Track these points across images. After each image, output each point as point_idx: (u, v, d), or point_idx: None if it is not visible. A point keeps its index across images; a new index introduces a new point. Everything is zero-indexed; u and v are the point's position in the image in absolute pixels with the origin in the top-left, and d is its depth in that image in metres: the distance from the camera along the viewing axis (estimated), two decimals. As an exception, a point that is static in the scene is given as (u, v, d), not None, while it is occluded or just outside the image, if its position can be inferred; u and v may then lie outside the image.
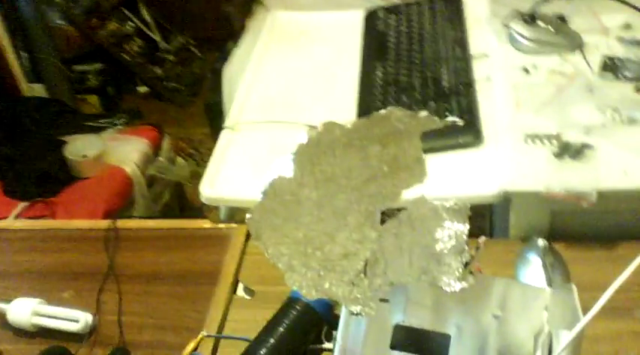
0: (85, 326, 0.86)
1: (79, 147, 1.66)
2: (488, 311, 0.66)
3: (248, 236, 0.98)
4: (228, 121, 1.12)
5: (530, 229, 0.93)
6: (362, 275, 0.57)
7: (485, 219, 1.02)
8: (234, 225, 1.01)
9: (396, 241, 0.57)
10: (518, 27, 1.08)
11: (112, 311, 0.90)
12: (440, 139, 0.98)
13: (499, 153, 0.93)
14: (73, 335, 0.86)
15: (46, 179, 1.58)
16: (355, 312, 0.57)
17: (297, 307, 0.81)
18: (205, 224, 1.03)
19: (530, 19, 1.08)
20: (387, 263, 0.57)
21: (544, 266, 0.86)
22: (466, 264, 0.56)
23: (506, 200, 0.91)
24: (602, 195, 0.84)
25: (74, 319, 0.86)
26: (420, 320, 0.66)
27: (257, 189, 0.96)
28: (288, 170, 0.57)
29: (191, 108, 2.73)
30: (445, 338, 0.66)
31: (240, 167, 1.04)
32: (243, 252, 0.97)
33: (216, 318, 0.86)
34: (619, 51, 1.05)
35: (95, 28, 2.54)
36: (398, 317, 0.65)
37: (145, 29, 2.73)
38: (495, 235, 0.99)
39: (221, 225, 1.02)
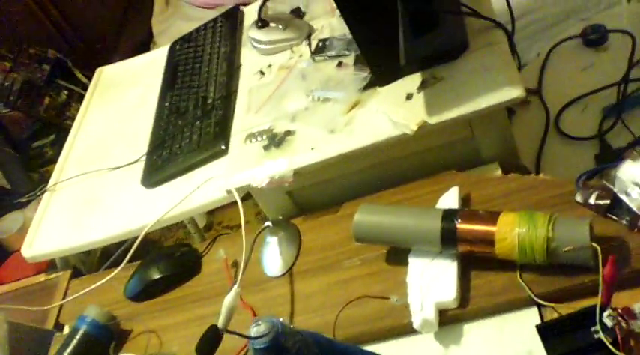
0: None
1: (5, 227, 1.89)
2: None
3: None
4: (48, 185, 1.30)
5: (278, 212, 1.07)
6: None
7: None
8: (59, 274, 1.19)
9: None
10: (254, 33, 1.22)
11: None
12: (195, 155, 1.13)
13: (230, 157, 1.08)
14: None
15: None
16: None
17: (77, 337, 0.98)
18: (41, 277, 1.21)
19: (262, 23, 1.21)
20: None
21: (277, 243, 1.01)
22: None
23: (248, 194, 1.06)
24: (299, 173, 0.98)
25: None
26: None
27: (74, 237, 1.14)
28: None
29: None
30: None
31: (57, 222, 1.21)
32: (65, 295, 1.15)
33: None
34: (340, 29, 1.17)
35: (34, 107, 2.78)
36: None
37: (81, 91, 2.95)
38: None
39: (52, 275, 1.21)
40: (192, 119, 1.22)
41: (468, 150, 0.99)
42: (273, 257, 1.00)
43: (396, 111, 0.95)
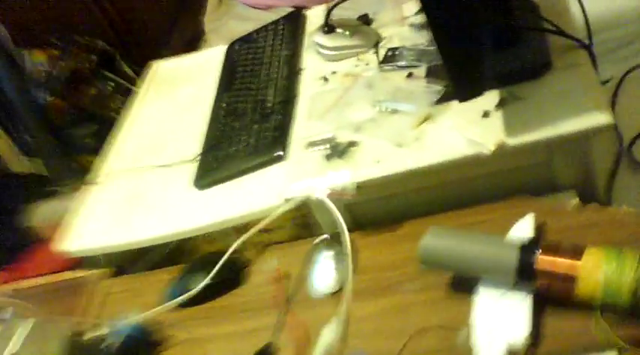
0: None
1: (40, 215, 1.87)
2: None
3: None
4: (91, 176, 1.27)
5: (335, 226, 1.02)
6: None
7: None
8: (98, 271, 1.16)
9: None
10: (319, 38, 1.17)
11: None
12: (251, 159, 1.09)
13: (289, 164, 1.03)
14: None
15: None
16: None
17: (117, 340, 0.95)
18: (79, 273, 1.18)
19: (329, 28, 1.17)
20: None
21: (333, 258, 0.96)
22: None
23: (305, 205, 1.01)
24: (362, 186, 0.93)
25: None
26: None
27: (119, 234, 1.11)
28: None
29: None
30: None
31: (102, 217, 1.18)
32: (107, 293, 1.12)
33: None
34: (410, 39, 1.12)
35: (79, 97, 2.78)
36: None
37: (127, 84, 2.95)
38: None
39: (88, 272, 1.17)
40: (250, 122, 1.17)
41: (544, 175, 0.93)
42: (326, 272, 0.95)
43: (472, 128, 0.89)
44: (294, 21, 1.38)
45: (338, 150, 0.98)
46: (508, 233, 0.86)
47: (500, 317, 0.77)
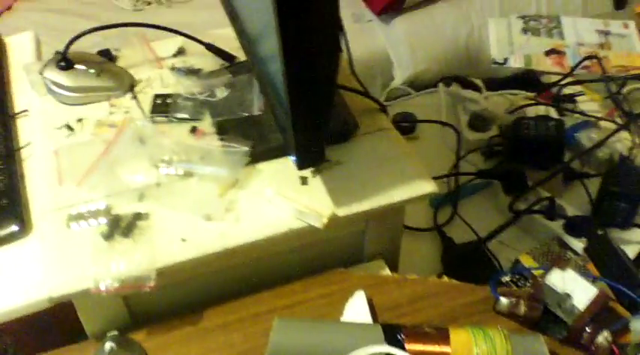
0: None
1: None
2: None
3: None
4: None
5: (106, 323, 0.78)
6: None
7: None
8: None
9: None
10: (53, 75, 0.91)
11: None
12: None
13: (44, 245, 0.76)
14: None
15: None
16: None
17: None
18: None
19: (66, 63, 0.91)
20: None
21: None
22: None
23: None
24: (164, 272, 0.72)
25: None
26: None
27: None
28: None
29: None
30: None
31: None
32: None
33: None
34: (173, 84, 0.94)
35: None
36: None
37: None
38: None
39: None
40: (-50, 183, 0.84)
41: (354, 244, 0.86)
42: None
43: (295, 198, 0.78)
44: (-11, 47, 1.06)
45: (120, 227, 0.75)
46: (342, 315, 0.77)
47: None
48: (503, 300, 0.77)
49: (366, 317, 0.76)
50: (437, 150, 1.26)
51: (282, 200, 0.78)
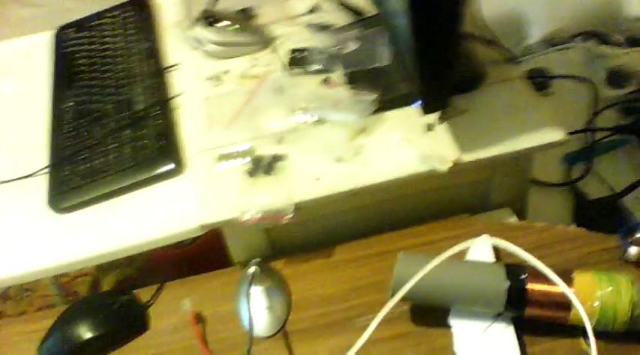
0: None
1: None
2: None
3: None
4: None
5: (250, 252, 0.87)
6: None
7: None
8: None
9: None
10: (202, 31, 1.00)
11: None
12: (136, 174, 0.88)
13: (196, 181, 0.85)
14: None
15: None
16: None
17: None
18: None
19: (213, 19, 0.99)
20: None
21: (264, 293, 0.80)
22: None
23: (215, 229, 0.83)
24: (300, 207, 0.79)
25: None
26: None
27: None
28: None
29: None
30: None
31: None
32: None
33: None
34: (308, 39, 1.00)
35: None
36: None
37: None
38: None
39: None
40: (117, 127, 0.96)
41: (480, 192, 0.89)
42: (258, 311, 0.80)
43: (422, 143, 0.81)
44: (142, 9, 1.17)
45: (262, 165, 0.83)
46: (466, 256, 0.80)
47: (487, 348, 0.70)
48: (633, 249, 0.77)
49: (489, 260, 0.78)
50: (572, 106, 1.24)
51: (407, 144, 0.81)
